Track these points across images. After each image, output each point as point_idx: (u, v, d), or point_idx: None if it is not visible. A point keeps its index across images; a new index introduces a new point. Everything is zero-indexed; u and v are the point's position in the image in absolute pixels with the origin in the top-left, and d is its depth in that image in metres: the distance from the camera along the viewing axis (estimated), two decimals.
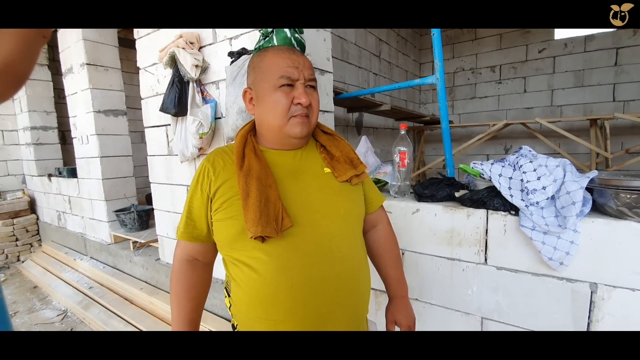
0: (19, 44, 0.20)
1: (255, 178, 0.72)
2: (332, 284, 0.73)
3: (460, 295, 1.18)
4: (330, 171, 0.80)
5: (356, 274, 0.79)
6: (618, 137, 3.65)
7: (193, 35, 1.75)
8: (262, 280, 0.71)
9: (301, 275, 0.71)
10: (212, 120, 1.73)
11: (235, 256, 0.75)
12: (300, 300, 0.71)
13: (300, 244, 0.72)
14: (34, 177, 4.00)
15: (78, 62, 2.78)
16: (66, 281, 2.99)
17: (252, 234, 0.68)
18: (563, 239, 0.96)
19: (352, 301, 0.78)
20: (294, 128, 0.75)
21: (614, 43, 3.69)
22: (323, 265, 0.73)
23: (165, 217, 2.25)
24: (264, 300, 0.72)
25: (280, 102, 0.73)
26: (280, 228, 0.69)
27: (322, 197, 0.77)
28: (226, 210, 0.74)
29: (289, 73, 0.73)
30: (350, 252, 0.78)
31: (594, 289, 0.97)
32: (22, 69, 0.21)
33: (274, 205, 0.70)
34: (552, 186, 0.97)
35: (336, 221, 0.76)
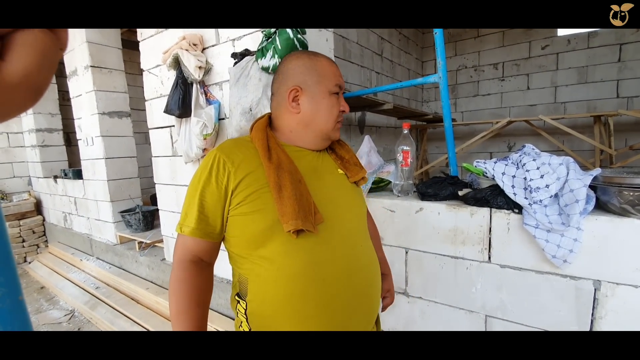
0: (38, 56, 0.21)
1: (287, 171, 0.72)
2: (358, 277, 0.76)
3: (464, 293, 1.18)
4: (343, 172, 0.85)
5: (374, 267, 0.83)
6: (622, 134, 3.63)
7: (196, 37, 1.76)
8: (293, 275, 0.70)
9: (331, 270, 0.72)
10: (216, 121, 1.74)
11: (258, 253, 0.72)
12: (331, 294, 0.72)
13: (328, 239, 0.73)
14: (40, 178, 4.04)
15: (82, 65, 2.80)
16: (73, 281, 3.02)
17: (292, 227, 0.67)
18: (566, 236, 0.96)
19: (373, 293, 0.81)
20: (336, 133, 0.84)
21: (617, 39, 3.66)
22: (350, 259, 0.75)
23: (170, 217, 2.27)
24: (293, 297, 0.71)
25: (335, 107, 0.81)
26: (315, 222, 0.70)
27: (341, 195, 0.81)
28: (253, 204, 0.71)
29: (341, 83, 0.82)
30: (368, 246, 0.83)
31: (598, 286, 0.97)
32: (41, 80, 0.21)
33: (306, 200, 0.71)
34: (555, 184, 0.97)
35: (355, 217, 0.81)
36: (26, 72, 0.20)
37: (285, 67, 0.82)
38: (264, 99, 1.35)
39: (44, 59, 0.21)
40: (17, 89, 0.20)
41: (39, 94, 0.22)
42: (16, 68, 0.20)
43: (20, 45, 0.20)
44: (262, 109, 1.36)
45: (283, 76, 0.82)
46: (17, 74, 0.20)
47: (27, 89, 0.21)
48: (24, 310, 0.27)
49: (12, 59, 0.20)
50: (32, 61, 0.20)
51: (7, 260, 0.25)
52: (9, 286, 0.25)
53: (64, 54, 2.97)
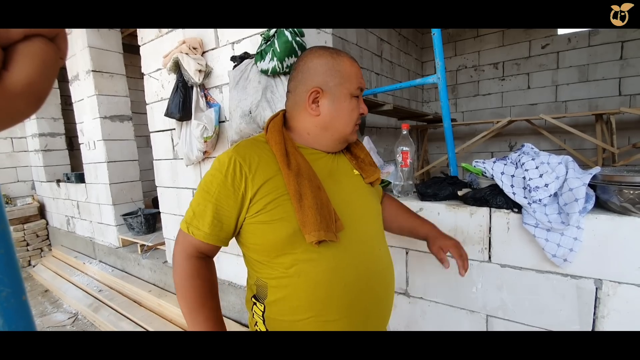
0: (40, 66, 0.21)
1: (306, 179, 0.70)
2: (377, 281, 0.76)
3: (465, 293, 1.18)
4: (358, 173, 0.84)
5: (391, 270, 0.83)
6: (625, 132, 3.61)
7: (196, 40, 1.77)
8: (315, 282, 0.70)
9: (352, 275, 0.72)
10: (216, 124, 1.75)
11: (280, 260, 0.71)
12: (352, 298, 0.72)
13: (348, 244, 0.72)
14: (43, 183, 4.07)
15: (84, 69, 2.83)
16: (76, 285, 3.04)
17: (315, 238, 0.66)
18: (566, 235, 0.96)
19: (389, 295, 0.81)
20: (354, 135, 0.82)
21: (619, 37, 3.64)
22: (369, 264, 0.75)
23: (171, 220, 2.28)
24: (316, 302, 0.71)
25: (356, 110, 0.78)
26: (336, 231, 0.69)
27: (358, 197, 0.79)
28: (273, 212, 0.69)
29: (363, 85, 0.79)
30: (385, 249, 0.82)
31: (599, 285, 0.97)
32: (42, 88, 0.22)
33: (327, 208, 0.69)
34: (554, 183, 0.97)
35: (372, 220, 0.80)
36: (29, 81, 0.21)
37: (305, 65, 0.77)
38: (263, 101, 1.36)
39: (45, 68, 0.22)
40: (20, 97, 0.21)
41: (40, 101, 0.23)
42: (19, 77, 0.21)
43: (22, 55, 0.21)
44: (262, 111, 1.36)
45: (302, 75, 0.77)
46: (20, 83, 0.21)
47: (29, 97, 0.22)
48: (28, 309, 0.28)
49: (15, 69, 0.21)
50: (34, 70, 0.21)
51: (10, 261, 0.26)
52: (13, 286, 0.26)
53: (67, 59, 2.99)
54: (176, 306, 2.17)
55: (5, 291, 0.25)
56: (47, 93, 0.23)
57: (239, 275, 1.91)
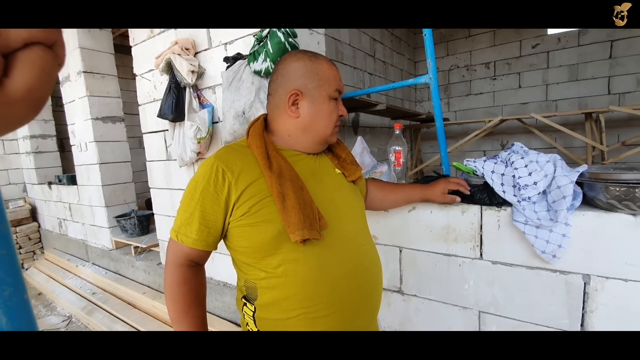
0: (39, 73, 0.22)
1: (288, 180, 0.71)
2: (364, 277, 0.78)
3: (458, 290, 1.20)
4: (340, 172, 0.86)
5: (378, 266, 0.84)
6: (614, 130, 3.67)
7: (188, 41, 1.77)
8: (303, 280, 0.72)
9: (339, 272, 0.74)
10: (210, 124, 1.75)
11: (268, 261, 0.72)
12: (341, 295, 0.74)
13: (334, 242, 0.74)
14: (35, 185, 4.02)
15: (75, 70, 2.80)
16: (70, 287, 3.01)
17: (299, 237, 0.67)
18: (555, 232, 0.98)
19: (377, 290, 0.83)
20: (334, 137, 0.83)
21: (608, 36, 3.70)
22: (356, 260, 0.77)
23: (165, 221, 2.27)
24: (305, 300, 0.72)
25: (334, 113, 0.80)
26: (320, 229, 0.71)
27: (340, 196, 0.81)
28: (258, 214, 0.70)
29: (342, 88, 0.81)
30: (371, 246, 0.83)
31: (587, 281, 0.99)
32: (41, 94, 0.23)
33: (310, 208, 0.71)
34: (543, 181, 0.99)
35: (355, 218, 0.82)
36: (28, 88, 0.22)
37: (284, 68, 0.79)
38: (256, 102, 1.36)
39: (44, 75, 0.23)
40: (20, 103, 0.22)
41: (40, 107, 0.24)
42: (19, 84, 0.22)
43: (23, 63, 0.22)
44: (255, 112, 1.37)
45: (282, 78, 0.78)
46: (20, 90, 0.22)
47: (29, 103, 0.22)
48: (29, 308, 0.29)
49: (16, 76, 0.22)
50: (34, 77, 0.22)
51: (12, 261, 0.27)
52: (15, 285, 0.26)
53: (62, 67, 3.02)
54: None
55: (8, 290, 0.26)
56: (46, 99, 0.24)
57: (233, 275, 1.90)
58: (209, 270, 2.05)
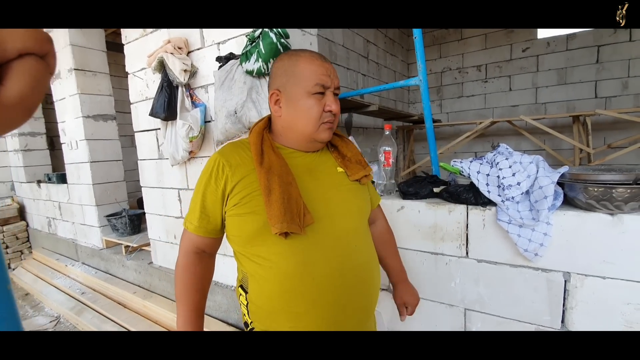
0: (32, 81, 0.24)
1: (276, 175, 0.74)
2: (351, 276, 0.78)
3: (445, 287, 1.22)
4: (343, 170, 0.85)
5: (370, 266, 0.84)
6: (600, 133, 3.76)
7: (181, 40, 1.77)
8: (285, 274, 0.74)
9: (323, 269, 0.74)
10: (202, 123, 1.75)
11: (255, 252, 0.76)
12: (322, 292, 0.74)
13: (320, 239, 0.75)
14: (23, 183, 3.96)
15: (66, 68, 2.77)
16: (58, 287, 2.97)
17: (277, 230, 0.70)
18: (537, 231, 1.01)
19: (368, 291, 0.82)
20: (323, 134, 0.80)
21: (595, 41, 3.79)
22: (342, 258, 0.77)
23: (157, 220, 2.26)
24: (286, 293, 0.74)
25: (314, 108, 0.77)
26: (303, 224, 0.72)
27: (337, 194, 0.81)
28: (247, 205, 0.75)
29: (323, 81, 0.77)
30: (364, 246, 0.83)
31: (568, 278, 1.02)
32: (34, 101, 0.25)
33: (295, 202, 0.73)
34: (526, 182, 1.02)
35: (350, 217, 0.81)
36: (21, 95, 0.23)
37: (271, 69, 0.85)
38: (248, 101, 1.37)
39: (36, 83, 0.24)
40: (14, 110, 0.23)
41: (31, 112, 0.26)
42: (13, 92, 0.23)
43: (16, 72, 0.23)
44: (247, 111, 1.38)
45: (269, 79, 0.85)
46: (14, 97, 0.23)
47: (22, 110, 0.24)
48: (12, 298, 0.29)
49: (10, 84, 0.23)
50: (26, 85, 0.24)
51: None
52: None
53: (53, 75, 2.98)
54: (161, 307, 2.16)
55: None
56: (38, 105, 0.26)
57: (224, 275, 1.91)
58: None
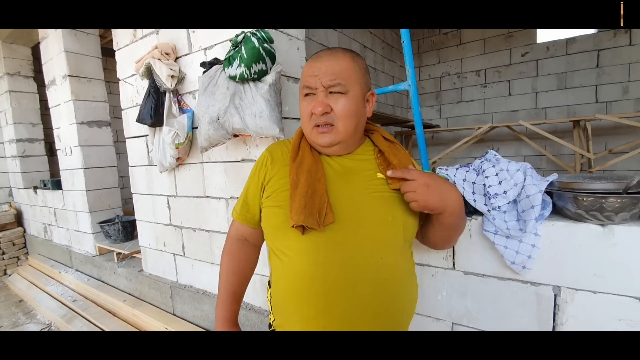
0: None
1: (305, 170, 0.76)
2: (368, 290, 0.70)
3: (431, 301, 1.17)
4: (382, 177, 0.78)
5: (397, 285, 0.74)
6: (601, 138, 3.69)
7: (169, 46, 1.75)
8: (297, 272, 0.72)
9: (336, 274, 0.70)
10: (189, 130, 1.73)
11: (277, 245, 0.77)
12: (331, 299, 0.70)
13: (340, 242, 0.71)
14: (21, 189, 3.97)
15: (60, 74, 2.78)
16: (51, 294, 2.95)
17: (294, 222, 0.70)
18: (525, 242, 0.96)
19: (390, 313, 0.73)
20: (317, 138, 0.78)
21: (595, 45, 3.75)
22: (360, 268, 0.70)
23: (147, 227, 2.24)
24: (296, 293, 0.73)
25: (303, 111, 0.78)
26: (323, 222, 0.70)
27: (370, 200, 0.75)
28: (274, 199, 0.78)
29: (308, 82, 0.76)
30: (394, 261, 0.74)
31: (557, 292, 0.97)
32: None
33: (319, 199, 0.72)
34: (512, 190, 0.98)
35: (381, 226, 0.73)
36: None
37: None
38: (231, 107, 1.34)
39: None
40: None
41: None
42: None
43: None
44: (230, 117, 1.35)
45: None
46: None
47: None
48: None
49: None
50: None
51: None
52: None
53: (43, 64, 2.94)
54: (150, 316, 2.12)
55: None
56: None
57: (213, 283, 1.87)
58: (188, 277, 2.01)
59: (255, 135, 1.35)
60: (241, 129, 1.36)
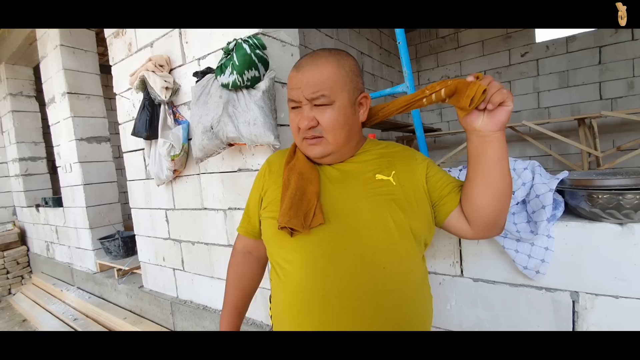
0: None
1: (297, 172, 0.74)
2: (371, 304, 0.65)
3: (439, 311, 1.11)
4: (382, 178, 0.72)
5: (405, 298, 0.67)
6: (609, 135, 3.61)
7: (162, 58, 1.74)
8: (295, 286, 0.68)
9: (335, 287, 0.65)
10: (185, 141, 1.70)
11: (274, 257, 0.75)
12: (330, 314, 0.64)
13: (339, 253, 0.66)
14: (24, 208, 3.97)
15: (59, 92, 2.79)
16: (53, 313, 2.91)
17: (279, 223, 0.68)
18: (537, 245, 0.90)
19: (398, 329, 0.66)
20: (307, 150, 0.74)
21: (596, 42, 3.70)
22: (362, 279, 0.65)
23: (146, 242, 2.19)
24: (295, 308, 0.69)
25: (292, 125, 0.75)
26: (310, 224, 0.67)
27: (368, 205, 0.68)
28: (270, 209, 0.75)
29: (291, 95, 0.72)
30: (400, 271, 0.67)
31: (576, 298, 0.90)
32: None
33: (308, 200, 0.69)
34: (521, 190, 0.92)
35: (383, 233, 0.67)
36: None
37: None
38: (224, 116, 1.31)
39: None
40: None
41: None
42: None
43: None
44: (224, 126, 1.31)
45: None
46: None
47: None
48: None
49: None
50: None
51: None
52: None
53: (44, 82, 2.95)
54: None
55: None
56: None
57: (213, 298, 1.81)
58: (188, 292, 1.96)
59: (250, 144, 1.31)
60: (235, 138, 1.32)
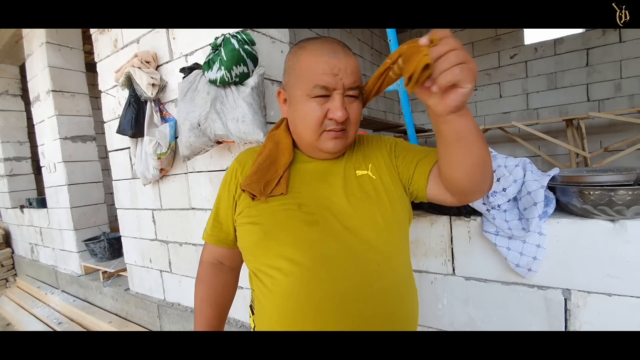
0: None
1: (274, 141, 0.71)
2: (369, 304, 0.62)
3: (431, 310, 1.09)
4: (361, 173, 0.69)
5: (400, 295, 0.66)
6: (596, 136, 3.67)
7: (149, 54, 1.70)
8: (285, 294, 0.62)
9: (330, 291, 0.60)
10: (171, 139, 1.66)
11: (257, 266, 0.67)
12: (327, 320, 0.60)
13: (331, 254, 0.62)
14: (8, 209, 3.85)
15: (44, 90, 2.71)
16: (37, 317, 2.82)
17: (241, 186, 0.69)
18: (529, 243, 0.89)
19: (395, 326, 0.65)
20: (326, 143, 0.66)
21: (583, 44, 3.76)
22: (357, 280, 0.62)
23: (132, 243, 2.14)
24: (286, 319, 0.62)
25: (311, 114, 0.64)
26: (271, 192, 0.66)
27: (355, 202, 0.66)
28: (247, 214, 0.69)
29: (325, 82, 0.62)
30: (392, 268, 0.65)
31: (568, 296, 0.89)
32: None
33: (275, 170, 0.67)
34: (512, 187, 0.91)
35: (373, 230, 0.65)
36: None
37: None
38: (212, 112, 1.28)
39: None
40: None
41: None
42: None
43: None
44: (211, 123, 1.28)
45: None
46: None
47: None
48: None
49: None
50: None
51: None
52: None
53: (29, 81, 2.88)
54: None
55: None
56: None
57: None
58: (176, 294, 1.91)
59: (239, 142, 1.28)
60: (224, 135, 1.29)
